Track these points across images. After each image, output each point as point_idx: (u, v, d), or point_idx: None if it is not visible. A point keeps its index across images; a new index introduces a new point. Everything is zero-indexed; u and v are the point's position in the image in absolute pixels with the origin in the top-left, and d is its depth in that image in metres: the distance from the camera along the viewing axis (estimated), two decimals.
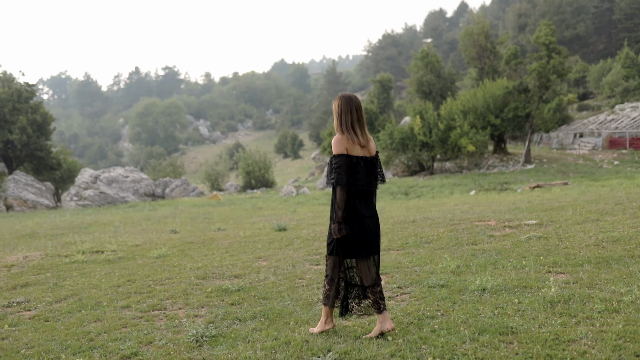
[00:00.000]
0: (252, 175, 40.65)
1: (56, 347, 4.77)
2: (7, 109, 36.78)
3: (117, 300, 6.29)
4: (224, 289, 6.36)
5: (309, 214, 16.41)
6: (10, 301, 6.67)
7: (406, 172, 37.17)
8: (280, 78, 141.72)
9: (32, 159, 37.99)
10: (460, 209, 13.81)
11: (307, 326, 4.84)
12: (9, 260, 10.02)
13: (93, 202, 30.74)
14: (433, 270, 6.53)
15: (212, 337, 4.69)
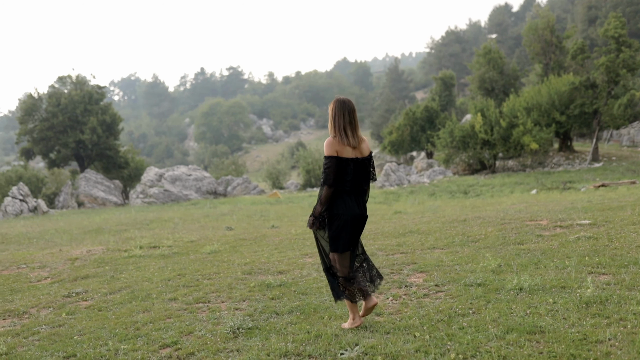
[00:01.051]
0: (312, 173, 40.95)
1: (105, 335, 5.09)
2: (79, 110, 38.57)
3: (165, 293, 6.60)
4: (267, 284, 6.57)
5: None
6: (70, 292, 7.12)
7: (467, 171, 36.60)
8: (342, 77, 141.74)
9: (102, 158, 39.69)
10: (515, 208, 13.57)
11: (340, 321, 4.97)
12: (74, 253, 10.63)
13: (158, 199, 31.83)
14: (473, 269, 6.52)
15: (248, 329, 4.89)
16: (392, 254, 7.97)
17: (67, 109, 38.60)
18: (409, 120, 44.00)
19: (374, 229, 11.07)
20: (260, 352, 4.30)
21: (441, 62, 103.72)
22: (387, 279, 6.43)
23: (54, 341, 5.06)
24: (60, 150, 39.07)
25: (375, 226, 11.58)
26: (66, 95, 39.52)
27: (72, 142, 38.05)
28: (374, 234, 10.31)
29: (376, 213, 15.64)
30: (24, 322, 5.87)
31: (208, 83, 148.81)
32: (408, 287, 6.00)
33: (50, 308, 6.41)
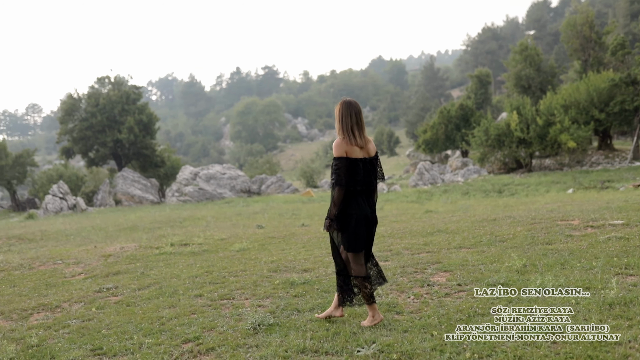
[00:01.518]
0: None
1: (131, 329, 5.24)
2: (117, 110, 39.40)
3: (192, 289, 6.74)
4: (291, 282, 6.65)
5: (394, 211, 16.46)
6: (101, 287, 7.33)
7: (502, 170, 36.10)
8: (377, 75, 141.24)
9: (139, 157, 40.47)
10: (548, 207, 13.37)
11: (360, 319, 5.01)
12: (108, 250, 10.90)
13: (192, 197, 32.30)
14: (498, 268, 6.48)
15: (269, 326, 4.97)
16: (418, 253, 7.96)
17: (106, 109, 39.47)
18: (444, 118, 43.62)
19: (403, 227, 11.06)
20: (278, 348, 4.38)
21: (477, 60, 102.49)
22: (410, 278, 6.44)
23: (82, 334, 5.24)
24: (99, 150, 39.98)
25: (404, 225, 11.56)
26: (104, 96, 40.42)
27: (110, 142, 38.89)
28: (401, 232, 10.30)
29: (407, 212, 15.60)
30: (56, 316, 6.07)
31: (244, 82, 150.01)
32: (430, 286, 6.00)
33: (81, 302, 6.61)
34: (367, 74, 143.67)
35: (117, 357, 4.55)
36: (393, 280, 6.38)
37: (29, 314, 6.32)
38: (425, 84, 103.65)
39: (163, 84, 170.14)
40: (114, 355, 4.60)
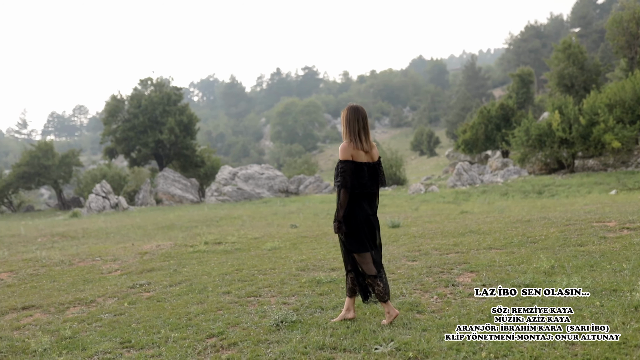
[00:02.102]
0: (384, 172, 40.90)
1: (160, 324, 5.41)
2: (158, 111, 40.21)
3: (221, 286, 6.89)
4: (317, 280, 6.73)
5: (430, 212, 16.38)
6: (135, 283, 7.56)
7: (544, 170, 35.42)
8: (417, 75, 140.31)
9: (179, 157, 41.21)
10: (587, 209, 13.12)
11: (381, 317, 5.06)
12: (145, 248, 11.20)
13: (231, 197, 32.72)
14: (525, 270, 6.43)
15: (292, 323, 5.07)
16: (447, 254, 7.95)
17: (147, 110, 40.33)
18: (484, 118, 43.04)
19: (435, 228, 11.02)
20: (298, 344, 4.46)
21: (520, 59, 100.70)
22: (435, 278, 6.45)
23: (113, 328, 5.43)
24: (141, 150, 40.86)
25: (436, 226, 11.52)
26: (146, 97, 41.30)
27: (151, 142, 39.71)
28: (433, 233, 10.27)
29: (442, 213, 15.51)
30: (90, 310, 6.30)
31: (284, 83, 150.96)
32: (455, 286, 6.00)
33: (115, 298, 6.83)
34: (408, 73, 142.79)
35: (143, 350, 4.71)
36: (418, 280, 6.40)
37: (65, 307, 6.57)
38: (466, 84, 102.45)
39: (205, 85, 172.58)
40: (141, 348, 4.76)
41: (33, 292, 7.71)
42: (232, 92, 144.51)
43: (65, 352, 4.77)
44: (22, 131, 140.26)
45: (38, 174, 41.05)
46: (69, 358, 4.59)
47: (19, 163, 41.88)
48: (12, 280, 8.78)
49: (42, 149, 41.47)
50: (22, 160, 41.66)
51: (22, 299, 7.26)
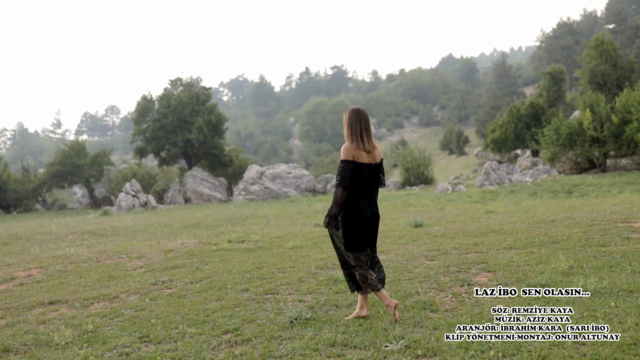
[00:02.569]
0: (411, 172, 40.70)
1: (178, 319, 5.55)
2: (187, 111, 40.73)
3: (240, 284, 7.01)
4: (335, 279, 6.80)
5: (455, 211, 16.30)
6: (157, 280, 7.73)
7: (574, 170, 34.86)
8: (447, 73, 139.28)
9: (208, 157, 41.68)
10: (614, 209, 12.92)
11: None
12: (169, 246, 11.40)
13: (258, 196, 32.97)
14: (543, 270, 6.40)
15: (306, 320, 5.15)
16: (466, 253, 7.94)
17: (177, 110, 40.88)
18: (513, 117, 42.54)
19: (457, 228, 10.99)
20: (310, 341, 4.54)
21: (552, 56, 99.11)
22: (452, 277, 6.46)
23: (133, 323, 5.58)
24: (170, 149, 41.43)
25: (459, 225, 11.48)
26: (176, 97, 41.86)
27: (180, 141, 40.23)
28: (454, 232, 10.25)
29: (467, 212, 15.43)
30: (113, 305, 6.48)
31: (312, 82, 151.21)
32: (470, 286, 6.01)
33: (137, 294, 7.00)
34: (437, 72, 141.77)
35: (161, 344, 4.84)
36: (434, 279, 6.42)
37: (90, 303, 6.77)
38: (497, 82, 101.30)
39: (234, 84, 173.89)
40: (159, 342, 4.90)
41: (60, 287, 7.94)
42: (261, 91, 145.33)
43: (86, 346, 4.93)
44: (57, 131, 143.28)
45: (70, 173, 41.96)
46: (89, 351, 4.74)
47: (52, 162, 42.87)
48: (41, 276, 9.04)
49: (74, 149, 42.37)
50: (55, 160, 42.64)
51: (49, 294, 7.49)
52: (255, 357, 4.31)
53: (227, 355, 4.41)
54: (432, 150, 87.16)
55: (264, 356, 4.32)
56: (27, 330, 5.64)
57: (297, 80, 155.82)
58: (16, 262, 10.76)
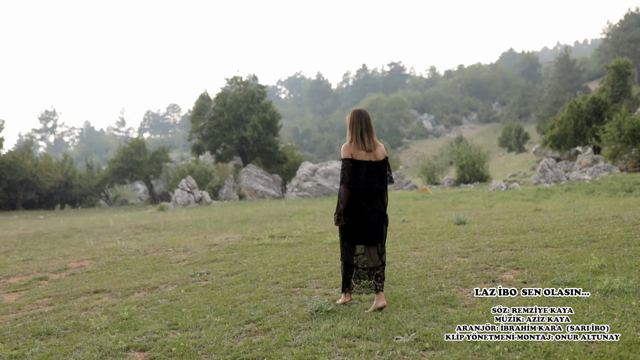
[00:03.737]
0: (466, 169, 40.16)
1: (207, 309, 5.81)
2: (242, 109, 41.49)
3: (272, 277, 7.23)
4: None
5: (503, 210, 16.07)
6: (196, 272, 8.05)
7: (637, 167, 33.58)
8: (507, 69, 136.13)
9: (262, 154, 42.34)
10: None
11: (412, 310, 5.19)
12: (214, 240, 11.77)
13: (311, 193, 33.29)
14: (572, 268, 6.32)
15: (326, 312, 5.31)
16: (499, 251, 7.90)
17: (232, 108, 41.70)
18: (573, 113, 41.27)
19: (499, 225, 10.88)
20: (325, 331, 4.69)
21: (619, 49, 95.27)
22: (479, 274, 6.47)
23: (166, 311, 5.88)
24: (226, 146, 42.31)
25: (502, 223, 11.36)
26: (231, 95, 42.70)
27: (235, 139, 41.03)
28: (494, 230, 10.16)
29: (515, 210, 15.20)
30: (151, 295, 6.81)
31: (369, 79, 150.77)
32: (495, 283, 6.02)
33: (175, 285, 7.33)
34: (497, 67, 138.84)
35: (187, 332, 5.10)
36: (460, 276, 6.45)
37: (130, 292, 7.13)
38: (559, 77, 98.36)
39: (292, 82, 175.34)
40: (185, 330, 5.16)
41: (107, 278, 8.38)
42: (318, 89, 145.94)
43: (118, 331, 5.24)
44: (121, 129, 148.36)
45: (131, 169, 43.46)
46: (120, 336, 5.04)
47: (114, 159, 44.55)
48: (92, 267, 9.54)
49: (134, 146, 43.86)
50: (117, 157, 44.29)
51: (96, 283, 7.93)
52: (270, 345, 4.50)
53: (245, 343, 4.61)
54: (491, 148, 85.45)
55: (279, 345, 4.50)
56: (69, 316, 6.02)
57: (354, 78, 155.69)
58: (72, 254, 11.36)
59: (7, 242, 14.73)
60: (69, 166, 45.66)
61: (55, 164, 45.13)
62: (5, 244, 14.20)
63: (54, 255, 11.44)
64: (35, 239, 15.19)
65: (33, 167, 40.92)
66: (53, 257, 11.04)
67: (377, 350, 4.22)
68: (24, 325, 5.78)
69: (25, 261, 10.79)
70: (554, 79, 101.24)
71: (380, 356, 4.12)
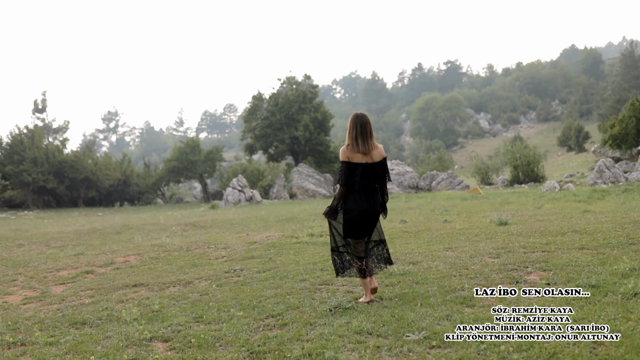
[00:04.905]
0: (520, 169, 39.30)
1: (232, 304, 6.02)
2: (294, 109, 41.90)
3: (301, 274, 7.39)
4: (390, 273, 6.98)
5: (551, 211, 15.73)
6: (231, 268, 8.30)
7: None
8: (568, 66, 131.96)
9: (314, 153, 42.65)
10: None
11: (429, 309, 5.23)
12: (255, 238, 12.04)
13: None
14: (601, 271, 6.21)
15: (345, 309, 5.42)
16: (532, 252, 7.80)
17: (284, 108, 42.19)
18: (635, 111, 39.78)
19: (539, 227, 10.70)
20: (339, 327, 4.81)
21: None
22: (504, 275, 6.44)
23: (194, 305, 6.12)
24: (278, 146, 42.83)
25: (543, 224, 11.15)
26: (283, 95, 43.19)
27: (287, 139, 41.49)
28: (532, 231, 10.00)
29: (562, 212, 14.85)
30: (184, 289, 7.09)
31: (425, 78, 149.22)
32: (519, 284, 5.99)
33: (209, 280, 7.59)
34: (557, 64, 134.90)
35: (209, 325, 5.31)
36: (485, 276, 6.43)
37: (166, 286, 7.43)
38: (623, 74, 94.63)
39: (347, 82, 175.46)
40: (208, 323, 5.37)
41: (147, 272, 8.73)
42: (373, 88, 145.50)
43: (146, 322, 5.51)
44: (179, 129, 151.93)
45: (186, 168, 44.56)
46: (147, 327, 5.30)
47: (170, 158, 45.79)
48: (136, 262, 9.95)
49: (189, 145, 44.96)
50: (172, 156, 45.51)
51: (136, 277, 8.28)
52: (284, 340, 4.65)
53: (261, 336, 4.78)
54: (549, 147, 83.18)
55: (292, 339, 4.65)
56: (105, 308, 6.35)
57: (410, 76, 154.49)
58: (120, 249, 11.85)
59: (64, 237, 15.47)
60: (127, 165, 47.26)
61: (114, 162, 46.80)
62: (62, 239, 14.92)
63: (103, 250, 11.96)
64: (89, 234, 15.89)
65: (93, 165, 42.59)
66: (102, 252, 11.55)
67: (385, 346, 4.31)
68: (64, 315, 6.14)
69: (76, 255, 11.33)
70: (617, 75, 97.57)
71: (388, 352, 4.21)
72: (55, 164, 41.05)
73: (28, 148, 40.48)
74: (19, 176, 38.77)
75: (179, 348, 4.66)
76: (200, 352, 4.51)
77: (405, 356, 4.11)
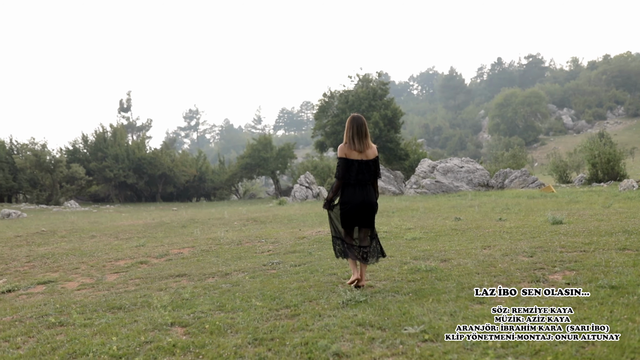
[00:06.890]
0: (599, 167, 37.67)
1: (256, 294, 6.31)
2: (364, 106, 42.04)
3: (332, 269, 7.59)
4: (417, 269, 7.07)
5: (618, 210, 15.11)
6: (270, 262, 8.62)
7: None
8: None
9: (384, 150, 42.61)
10: None
11: (437, 305, 5.31)
12: (306, 233, 12.34)
13: (429, 190, 33.05)
14: (630, 272, 6.04)
15: (357, 302, 5.59)
16: (569, 252, 7.63)
17: (354, 106, 42.38)
18: None
19: (592, 226, 10.35)
20: (344, 319, 4.99)
21: None
22: (527, 274, 6.37)
23: (221, 295, 6.45)
24: None
25: (598, 224, 10.77)
26: (353, 93, 43.40)
27: None
28: (582, 231, 9.70)
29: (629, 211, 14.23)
30: (220, 280, 7.45)
31: (505, 73, 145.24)
32: (539, 283, 5.94)
33: (245, 272, 7.92)
34: None
35: (229, 313, 5.61)
36: (508, 274, 6.40)
37: (206, 277, 7.83)
38: None
39: (424, 78, 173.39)
40: (228, 311, 5.67)
41: (194, 264, 9.19)
42: (451, 84, 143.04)
43: (172, 309, 5.88)
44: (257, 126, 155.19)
45: (258, 165, 45.67)
46: (172, 314, 5.67)
47: (243, 155, 47.08)
48: (188, 254, 10.46)
49: (262, 142, 46.03)
50: (245, 153, 46.76)
51: (183, 268, 8.75)
52: (289, 329, 4.87)
53: (270, 325, 5.03)
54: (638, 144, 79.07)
55: (297, 329, 4.87)
56: (144, 295, 6.79)
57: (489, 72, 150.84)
58: (178, 242, 12.46)
59: (133, 229, 16.35)
60: (202, 162, 48.94)
61: (191, 159, 48.60)
62: (130, 232, 15.79)
63: (163, 242, 12.60)
64: (156, 228, 16.71)
65: (170, 162, 44.40)
66: (161, 245, 12.18)
67: (380, 338, 4.45)
68: (106, 300, 6.64)
69: (137, 247, 12.01)
70: None
71: (381, 344, 4.35)
72: (135, 161, 43.15)
73: (110, 145, 42.75)
74: (102, 172, 41.04)
75: (193, 333, 4.98)
76: (211, 337, 4.81)
77: (395, 348, 4.24)
